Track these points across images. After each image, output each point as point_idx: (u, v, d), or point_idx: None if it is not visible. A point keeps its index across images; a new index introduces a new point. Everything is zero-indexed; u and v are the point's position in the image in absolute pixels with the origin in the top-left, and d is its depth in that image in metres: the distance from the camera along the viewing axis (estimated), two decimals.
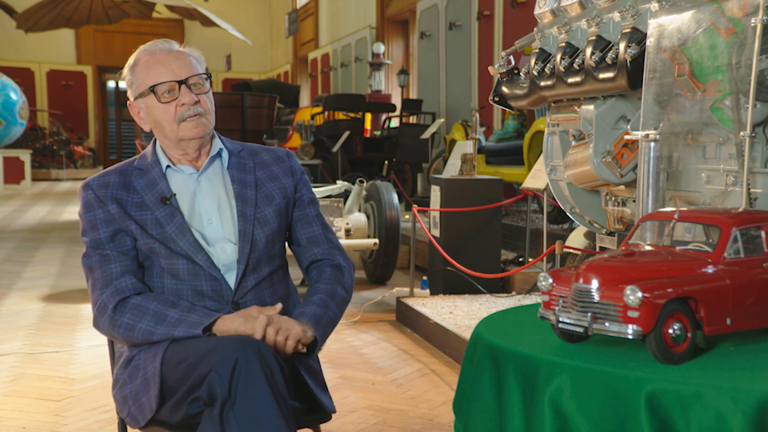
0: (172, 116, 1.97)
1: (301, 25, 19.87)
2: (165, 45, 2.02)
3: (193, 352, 1.80)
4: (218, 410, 1.67)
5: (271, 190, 2.06)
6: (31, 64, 22.15)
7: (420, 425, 3.16)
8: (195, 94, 1.97)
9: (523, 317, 1.84)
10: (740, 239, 1.52)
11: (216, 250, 1.97)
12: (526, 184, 4.82)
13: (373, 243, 5.72)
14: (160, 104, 1.97)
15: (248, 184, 2.05)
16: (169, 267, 1.95)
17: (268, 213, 2.03)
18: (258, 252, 1.99)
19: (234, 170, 2.06)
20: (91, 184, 2.00)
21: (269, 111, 10.06)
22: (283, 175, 2.10)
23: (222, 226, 2.00)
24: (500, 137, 8.11)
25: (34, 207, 12.46)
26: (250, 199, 2.02)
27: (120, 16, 15.13)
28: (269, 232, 2.02)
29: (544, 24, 2.90)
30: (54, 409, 3.32)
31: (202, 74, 2.01)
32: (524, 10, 8.89)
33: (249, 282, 1.98)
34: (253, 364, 1.68)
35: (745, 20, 1.98)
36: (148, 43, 2.04)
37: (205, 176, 2.04)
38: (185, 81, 1.97)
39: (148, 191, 1.98)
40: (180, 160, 2.04)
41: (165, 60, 1.98)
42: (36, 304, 5.43)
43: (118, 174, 2.01)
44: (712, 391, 1.32)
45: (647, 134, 2.00)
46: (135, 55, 2.04)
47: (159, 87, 1.96)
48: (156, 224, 1.95)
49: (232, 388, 1.67)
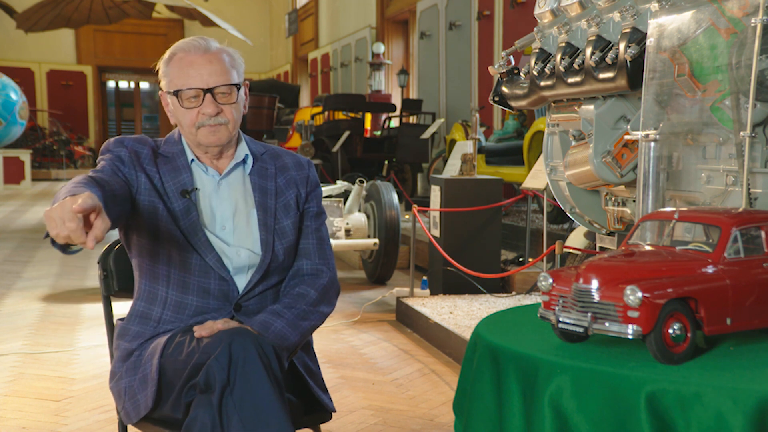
0: (192, 121, 1.95)
1: (301, 25, 19.87)
2: (202, 43, 1.97)
3: (190, 343, 1.80)
4: (217, 397, 1.66)
5: (289, 198, 2.05)
6: (31, 64, 22.15)
7: (420, 425, 3.16)
8: (220, 104, 1.94)
9: (523, 317, 1.84)
10: (740, 239, 1.52)
11: (231, 252, 1.96)
12: (526, 184, 4.82)
13: (373, 243, 5.72)
14: (182, 108, 1.95)
15: (269, 192, 2.03)
16: (181, 258, 1.93)
17: (287, 225, 2.03)
18: (276, 263, 2.00)
19: (255, 176, 2.04)
20: (126, 143, 1.97)
21: (269, 111, 10.07)
22: (300, 182, 2.08)
23: (234, 234, 1.98)
24: (500, 137, 8.11)
25: (34, 207, 12.46)
26: (270, 208, 2.01)
27: (120, 16, 15.12)
28: (287, 245, 2.02)
29: (544, 24, 2.90)
30: (54, 409, 3.32)
31: (232, 84, 1.96)
32: (524, 10, 8.89)
33: (257, 288, 1.99)
34: (250, 351, 1.68)
35: (745, 20, 1.98)
36: (187, 39, 2.00)
37: (226, 181, 2.02)
38: (211, 90, 1.93)
39: (170, 178, 1.96)
40: (202, 157, 2.02)
41: (197, 63, 1.94)
42: (36, 304, 5.43)
43: (150, 149, 1.99)
44: (712, 391, 1.32)
45: (647, 134, 2.00)
46: (172, 49, 2.00)
47: (184, 93, 1.93)
48: (169, 216, 1.93)
49: (231, 375, 1.67)
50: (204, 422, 1.67)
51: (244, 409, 1.66)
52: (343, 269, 6.84)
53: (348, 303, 5.44)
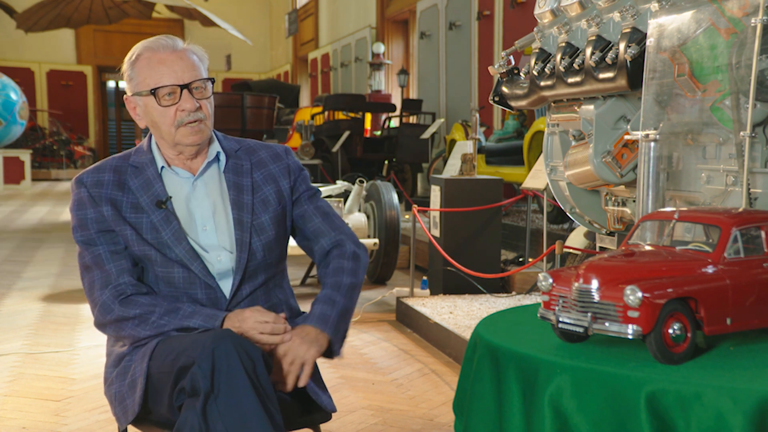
0: (171, 120, 1.91)
1: (301, 25, 19.87)
2: (169, 42, 1.94)
3: (177, 345, 1.79)
4: (201, 404, 1.66)
5: (268, 194, 2.01)
6: (31, 64, 22.15)
7: (420, 425, 3.16)
8: (196, 99, 1.91)
9: (523, 317, 1.84)
10: (740, 239, 1.52)
11: (211, 258, 1.94)
12: (526, 184, 4.82)
13: (373, 243, 5.72)
14: (160, 107, 1.90)
15: (244, 188, 1.99)
16: (164, 274, 1.92)
17: (265, 220, 1.98)
18: (256, 261, 1.96)
19: (230, 174, 2.00)
20: (84, 180, 1.94)
21: (269, 111, 10.08)
22: (280, 176, 2.04)
23: (217, 233, 1.96)
24: (500, 137, 8.11)
25: (34, 207, 12.46)
26: (247, 204, 1.97)
27: (120, 16, 15.13)
28: (266, 241, 1.98)
29: (544, 24, 2.90)
30: (54, 409, 3.32)
31: (206, 79, 1.94)
32: (524, 10, 8.89)
33: (244, 291, 1.96)
34: (233, 357, 1.67)
35: (745, 20, 1.98)
36: (151, 39, 1.96)
37: (201, 180, 1.99)
38: (188, 86, 1.90)
39: (143, 192, 1.93)
40: (174, 161, 1.98)
41: (168, 60, 1.91)
42: (36, 304, 5.43)
43: (113, 171, 1.95)
44: (712, 391, 1.32)
45: (647, 134, 2.00)
46: (137, 50, 1.95)
47: (161, 90, 1.89)
48: (152, 228, 1.91)
49: (214, 382, 1.66)
50: (193, 425, 1.66)
51: (228, 417, 1.65)
52: None
53: None
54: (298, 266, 6.44)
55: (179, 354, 1.76)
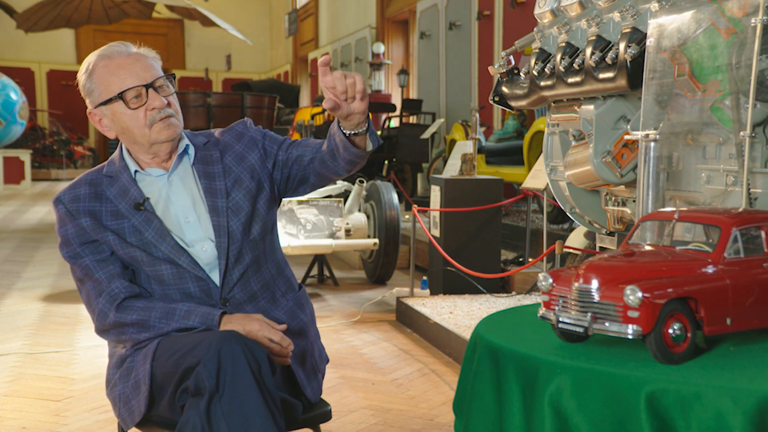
0: (143, 121, 1.92)
1: (301, 25, 19.87)
2: (122, 47, 1.96)
3: (181, 346, 1.80)
4: (205, 403, 1.66)
5: (240, 173, 2.02)
6: (31, 64, 22.16)
7: (420, 425, 3.16)
8: (163, 97, 1.93)
9: (523, 317, 1.84)
10: (740, 239, 1.52)
11: (197, 250, 1.96)
12: (526, 184, 4.82)
13: (373, 243, 5.72)
14: (129, 110, 1.92)
15: (216, 175, 2.00)
16: (153, 273, 1.94)
17: (239, 198, 2.00)
18: (237, 243, 1.97)
19: (199, 164, 2.02)
20: (62, 198, 1.98)
21: (269, 111, 10.07)
22: (248, 152, 2.04)
23: (200, 223, 1.98)
24: (500, 137, 8.11)
25: (34, 207, 12.46)
26: (220, 190, 1.99)
27: (120, 16, 15.13)
28: (244, 219, 1.99)
29: (544, 24, 2.89)
30: (54, 409, 3.32)
31: (168, 76, 1.97)
32: (524, 10, 8.89)
33: (234, 275, 1.97)
34: (239, 357, 1.68)
35: (745, 20, 1.98)
36: (102, 48, 1.97)
37: (175, 175, 2.01)
38: (152, 84, 1.92)
39: (121, 199, 1.95)
40: (149, 163, 2.00)
41: (126, 64, 1.92)
42: (36, 304, 5.43)
43: (88, 185, 1.98)
44: (712, 391, 1.32)
45: (647, 134, 2.00)
46: (91, 61, 1.96)
47: (127, 93, 1.91)
48: (134, 231, 1.93)
49: (219, 382, 1.67)
50: (195, 425, 1.67)
51: (233, 417, 1.66)
52: (343, 269, 6.84)
53: (348, 303, 5.44)
54: (299, 266, 6.44)
55: (184, 354, 1.77)
